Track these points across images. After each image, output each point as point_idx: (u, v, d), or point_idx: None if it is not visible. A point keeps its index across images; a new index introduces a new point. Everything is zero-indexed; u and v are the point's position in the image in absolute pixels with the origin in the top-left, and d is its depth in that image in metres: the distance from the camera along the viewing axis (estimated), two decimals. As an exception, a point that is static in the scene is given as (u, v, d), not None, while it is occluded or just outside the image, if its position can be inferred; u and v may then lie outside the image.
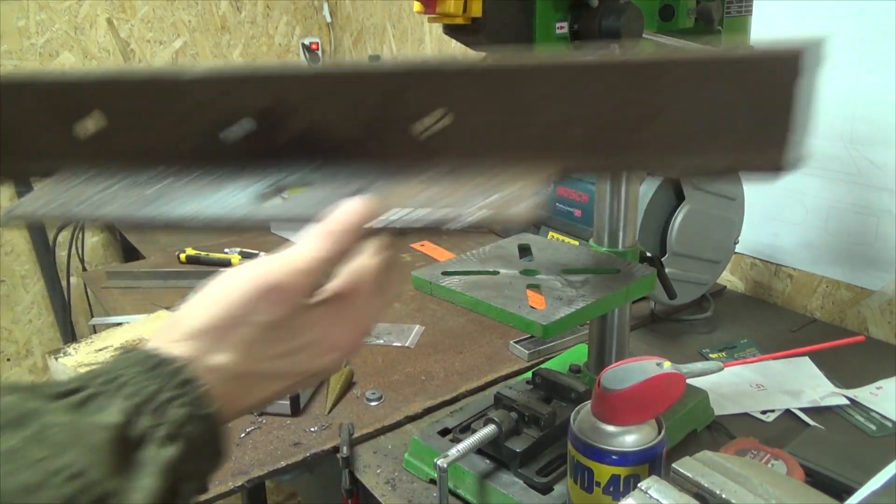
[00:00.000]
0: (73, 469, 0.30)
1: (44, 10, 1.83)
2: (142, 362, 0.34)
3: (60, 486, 0.29)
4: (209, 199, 0.47)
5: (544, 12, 0.60)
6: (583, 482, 0.60)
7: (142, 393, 0.33)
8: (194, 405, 0.34)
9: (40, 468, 0.29)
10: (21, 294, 1.96)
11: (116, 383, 0.33)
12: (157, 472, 0.32)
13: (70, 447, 0.30)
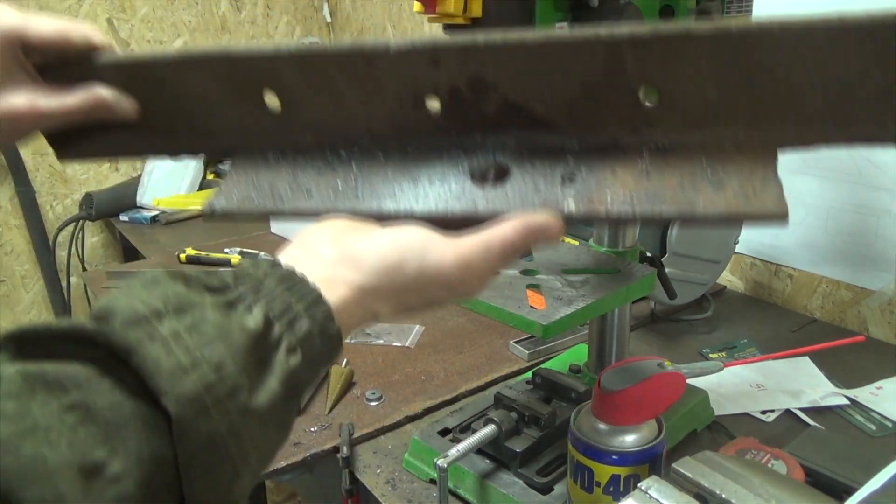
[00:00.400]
0: (216, 360, 0.34)
1: (44, 10, 1.83)
2: (283, 279, 0.39)
3: (205, 373, 0.34)
4: (415, 189, 0.47)
5: (544, 12, 0.60)
6: (583, 482, 0.60)
7: (279, 304, 0.38)
8: (320, 323, 0.39)
9: (193, 354, 0.34)
10: (21, 294, 1.96)
11: (261, 292, 0.38)
12: (281, 376, 0.37)
13: (217, 341, 0.35)
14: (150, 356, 0.33)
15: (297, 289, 0.39)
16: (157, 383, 0.33)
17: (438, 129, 0.48)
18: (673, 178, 0.43)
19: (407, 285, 0.42)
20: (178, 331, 0.34)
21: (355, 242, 0.42)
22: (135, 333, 0.34)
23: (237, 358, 0.35)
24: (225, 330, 0.36)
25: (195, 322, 0.35)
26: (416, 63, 0.46)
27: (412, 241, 0.42)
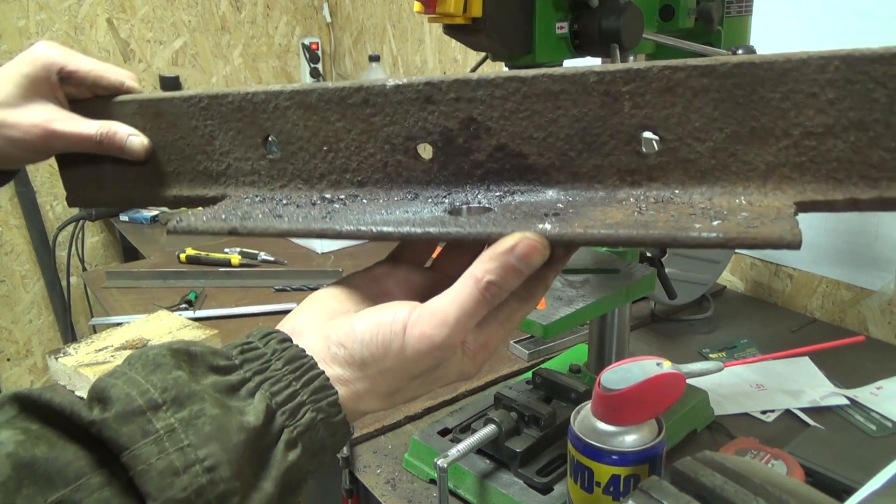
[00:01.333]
0: (211, 462, 0.32)
1: (44, 10, 1.83)
2: (291, 361, 0.37)
3: (196, 476, 0.32)
4: (395, 213, 0.45)
5: (544, 12, 0.60)
6: (583, 482, 0.60)
7: (283, 391, 0.36)
8: (325, 412, 0.37)
9: (187, 454, 0.32)
10: (21, 294, 1.96)
11: (265, 376, 0.36)
12: (277, 476, 0.35)
13: (213, 440, 0.33)
14: (142, 455, 0.32)
15: (304, 373, 0.37)
16: (145, 486, 0.31)
17: (427, 176, 0.47)
18: (668, 214, 0.39)
19: (394, 370, 0.38)
20: (173, 426, 0.33)
21: (340, 335, 0.39)
22: (128, 428, 0.32)
23: (232, 460, 0.33)
24: (223, 427, 0.34)
25: (193, 416, 0.33)
26: (411, 102, 0.46)
27: (390, 319, 0.38)
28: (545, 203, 0.43)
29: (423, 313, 0.38)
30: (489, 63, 0.70)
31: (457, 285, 0.38)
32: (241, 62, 2.16)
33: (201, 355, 0.36)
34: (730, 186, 0.40)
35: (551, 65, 0.64)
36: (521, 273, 0.37)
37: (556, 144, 0.44)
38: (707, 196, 0.40)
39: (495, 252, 0.37)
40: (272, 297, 1.25)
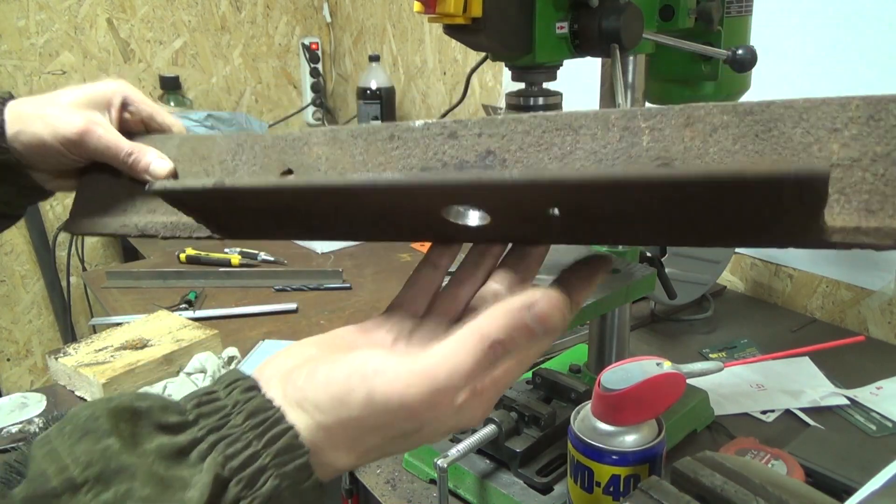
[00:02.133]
0: None
1: (44, 10, 1.83)
2: (253, 414, 0.32)
3: None
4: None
5: (544, 12, 0.60)
6: (583, 482, 0.60)
7: (241, 455, 0.30)
8: (291, 478, 0.31)
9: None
10: (21, 294, 1.96)
11: (221, 434, 0.31)
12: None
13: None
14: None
15: (268, 429, 0.31)
16: None
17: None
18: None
19: (359, 421, 0.32)
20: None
21: (300, 381, 0.33)
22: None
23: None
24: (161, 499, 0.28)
25: (118, 499, 0.28)
26: (435, 137, 0.46)
27: (357, 365, 0.32)
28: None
29: (402, 365, 0.31)
30: (489, 63, 0.70)
31: (456, 338, 0.32)
32: (241, 62, 2.16)
33: (148, 412, 0.31)
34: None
35: (550, 65, 0.64)
36: (535, 336, 0.32)
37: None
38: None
39: (510, 307, 0.31)
40: (272, 297, 1.25)
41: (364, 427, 0.32)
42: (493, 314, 0.32)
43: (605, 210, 0.35)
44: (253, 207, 0.43)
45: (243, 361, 0.97)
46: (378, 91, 1.88)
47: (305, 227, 0.47)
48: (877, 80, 1.03)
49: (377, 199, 0.37)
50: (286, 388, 0.33)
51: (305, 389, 0.33)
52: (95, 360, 0.93)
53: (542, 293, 0.31)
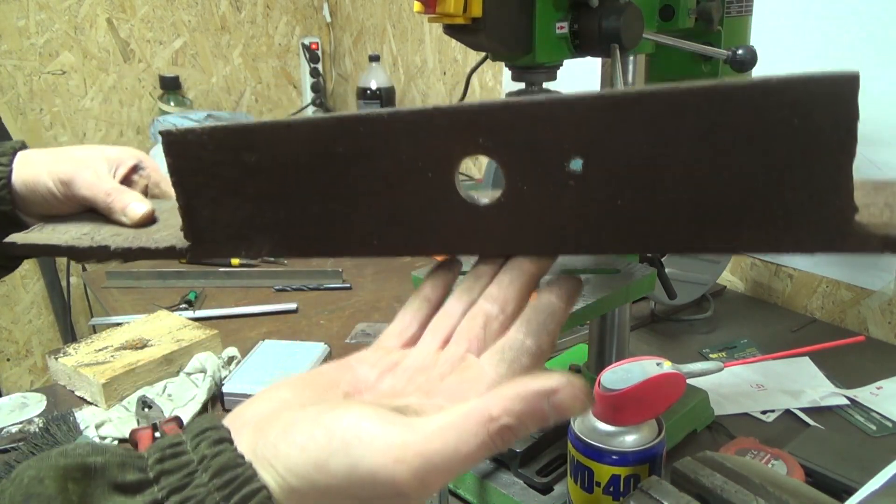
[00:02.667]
0: None
1: (44, 10, 1.83)
2: (221, 472, 0.28)
3: None
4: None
5: (544, 12, 0.60)
6: (583, 482, 0.60)
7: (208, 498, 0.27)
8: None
9: None
10: (21, 294, 1.96)
11: (184, 496, 0.28)
12: None
13: None
14: None
15: (236, 490, 0.28)
16: None
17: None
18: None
19: (337, 490, 0.28)
20: None
21: (272, 437, 0.29)
22: None
23: None
24: None
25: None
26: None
27: (342, 429, 0.28)
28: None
29: (394, 435, 0.28)
30: (489, 63, 0.70)
31: (458, 416, 0.28)
32: (241, 62, 2.16)
33: (103, 469, 0.28)
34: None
35: (550, 65, 0.64)
36: (548, 423, 0.28)
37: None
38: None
39: (527, 391, 0.28)
40: (272, 297, 1.25)
41: (341, 496, 0.29)
42: (506, 395, 0.28)
43: (632, 162, 0.33)
44: (254, 169, 0.39)
45: (243, 361, 0.97)
46: (378, 91, 1.88)
47: (303, 222, 0.41)
48: (876, 79, 1.03)
49: (393, 147, 0.36)
50: (257, 441, 0.30)
51: (278, 447, 0.29)
52: (95, 360, 0.93)
53: (565, 380, 0.28)
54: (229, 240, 0.42)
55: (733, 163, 0.31)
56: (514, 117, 0.34)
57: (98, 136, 1.96)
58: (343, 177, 0.38)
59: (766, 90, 0.30)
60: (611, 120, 0.33)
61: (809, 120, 0.30)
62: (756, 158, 0.31)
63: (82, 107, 1.94)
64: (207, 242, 0.43)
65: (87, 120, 1.95)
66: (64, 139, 1.92)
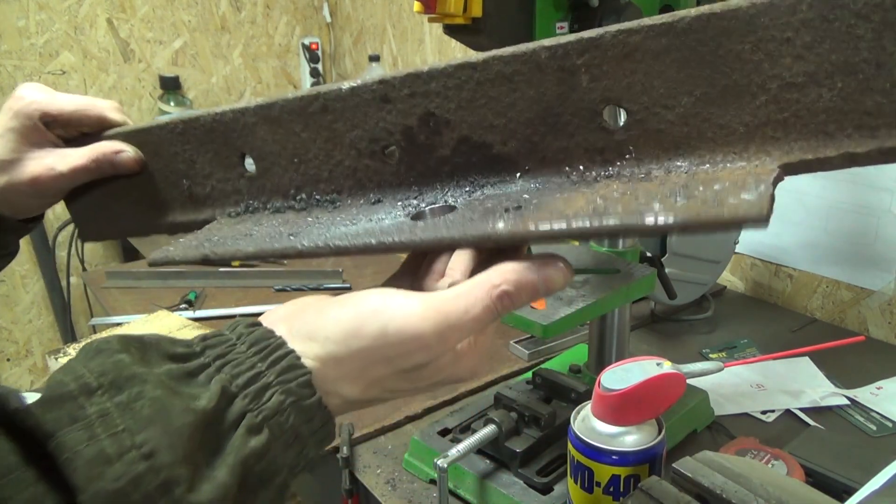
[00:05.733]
0: (149, 447, 0.29)
1: (44, 10, 1.83)
2: (256, 342, 0.34)
3: (132, 463, 0.29)
4: (360, 223, 0.44)
5: (544, 12, 0.60)
6: (583, 482, 0.60)
7: (246, 374, 0.33)
8: (295, 394, 0.33)
9: (118, 440, 0.29)
10: (21, 294, 1.96)
11: (227, 359, 0.33)
12: (236, 462, 0.31)
13: (153, 423, 0.30)
14: (68, 443, 0.28)
15: (270, 352, 0.34)
16: (72, 477, 0.28)
17: (397, 178, 0.46)
18: (634, 196, 0.36)
19: (371, 352, 0.35)
20: (107, 410, 0.30)
21: (309, 318, 0.36)
22: (54, 414, 0.29)
23: (176, 444, 0.30)
24: (165, 410, 0.30)
25: (130, 399, 0.30)
26: (368, 103, 0.45)
27: (371, 301, 0.35)
28: (512, 195, 0.41)
29: (417, 300, 0.35)
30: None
31: (467, 286, 0.35)
32: (241, 62, 2.16)
33: (156, 343, 0.33)
34: (709, 155, 0.37)
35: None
36: (539, 294, 0.36)
37: (518, 130, 0.41)
38: (685, 169, 0.37)
39: (520, 265, 0.35)
40: (272, 297, 1.25)
41: (375, 357, 0.35)
42: (503, 269, 0.35)
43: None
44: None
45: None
46: (378, 91, 1.88)
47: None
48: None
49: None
50: (292, 324, 0.36)
51: (316, 323, 0.35)
52: (95, 360, 0.93)
53: (550, 258, 0.35)
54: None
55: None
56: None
57: (98, 136, 1.97)
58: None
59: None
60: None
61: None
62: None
63: (82, 107, 1.94)
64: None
65: (87, 120, 1.95)
66: (64, 139, 1.92)
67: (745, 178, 0.34)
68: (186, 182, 0.55)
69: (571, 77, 0.39)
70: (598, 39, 0.38)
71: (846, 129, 0.34)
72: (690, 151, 0.37)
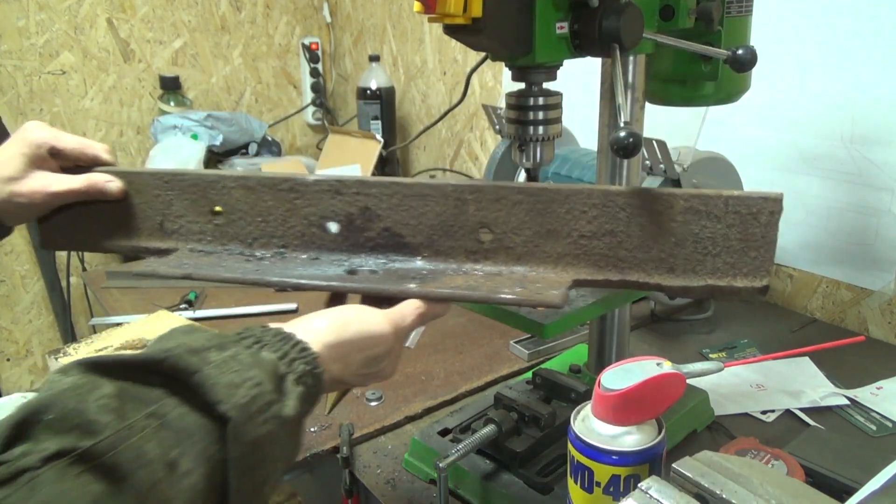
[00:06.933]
0: (255, 380, 0.45)
1: (44, 10, 1.83)
2: (277, 334, 0.51)
3: (249, 389, 0.44)
4: (309, 270, 0.62)
5: (544, 12, 0.59)
6: (583, 482, 0.60)
7: (280, 350, 0.49)
8: (312, 365, 0.50)
9: (238, 374, 0.45)
10: (21, 294, 1.96)
11: (264, 343, 0.49)
12: (295, 398, 0.47)
13: (252, 368, 0.46)
14: (209, 375, 0.43)
15: (290, 342, 0.50)
16: (216, 394, 0.43)
17: (333, 244, 0.65)
18: (493, 283, 0.59)
19: (353, 342, 0.54)
20: (224, 359, 0.45)
21: (303, 320, 0.54)
22: (195, 359, 0.44)
23: (267, 381, 0.46)
24: (256, 361, 0.46)
25: (234, 355, 0.46)
26: (325, 192, 0.64)
27: (351, 309, 0.56)
28: (414, 270, 0.63)
29: (380, 313, 0.57)
30: (489, 63, 0.71)
31: (402, 307, 0.58)
32: (241, 62, 2.16)
33: (211, 332, 0.49)
34: (535, 266, 0.61)
35: (550, 65, 0.64)
36: (429, 318, 0.59)
37: (424, 230, 0.63)
38: (520, 272, 0.61)
39: (421, 301, 0.58)
40: (272, 297, 1.25)
41: (353, 347, 0.54)
42: (415, 301, 0.58)
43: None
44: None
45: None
46: (378, 91, 1.88)
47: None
48: (876, 79, 1.03)
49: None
50: (295, 328, 0.52)
51: (312, 324, 0.54)
52: (95, 360, 0.93)
53: (438, 304, 0.60)
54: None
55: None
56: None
57: (98, 136, 1.96)
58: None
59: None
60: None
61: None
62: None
63: (82, 107, 1.94)
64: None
65: (87, 120, 1.95)
66: (64, 139, 1.92)
67: (553, 283, 0.59)
68: (159, 217, 0.69)
69: (463, 205, 0.61)
70: (483, 187, 0.61)
71: (608, 267, 0.59)
72: (525, 262, 0.61)
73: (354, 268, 0.63)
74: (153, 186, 0.69)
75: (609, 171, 0.75)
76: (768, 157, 1.17)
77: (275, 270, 0.62)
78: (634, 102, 0.73)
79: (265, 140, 2.03)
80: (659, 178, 1.00)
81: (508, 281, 0.59)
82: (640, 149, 0.59)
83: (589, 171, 1.13)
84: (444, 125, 1.91)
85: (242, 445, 0.43)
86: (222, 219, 0.67)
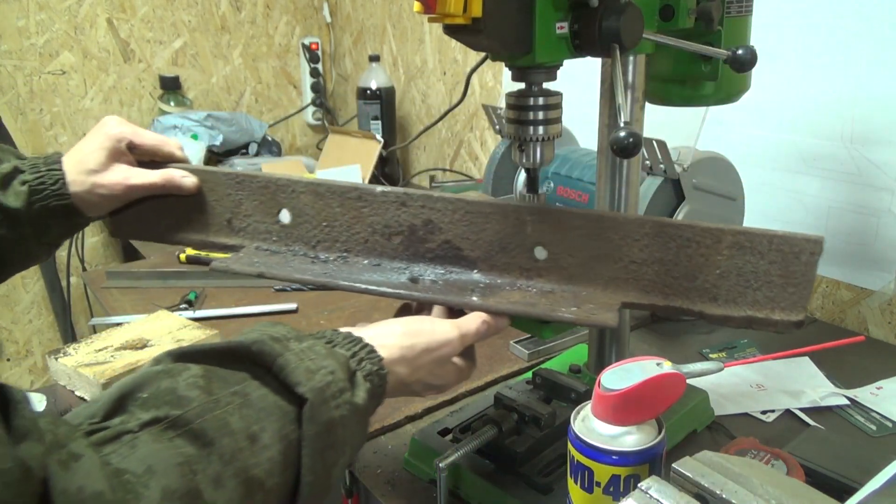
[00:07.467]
0: (330, 369, 0.50)
1: (44, 10, 1.83)
2: (346, 337, 0.56)
3: (325, 375, 0.49)
4: (374, 276, 0.67)
5: (544, 12, 0.59)
6: (583, 482, 0.60)
7: (350, 350, 0.55)
8: (377, 366, 0.55)
9: (314, 362, 0.50)
10: (21, 294, 1.96)
11: (333, 343, 0.55)
12: (364, 390, 0.52)
13: (327, 358, 0.51)
14: (290, 360, 0.49)
15: (358, 343, 0.56)
16: (296, 377, 0.48)
17: (394, 253, 0.69)
18: (548, 301, 0.63)
19: (422, 347, 0.59)
20: (303, 349, 0.51)
21: (377, 326, 0.60)
22: (277, 346, 0.50)
23: (340, 371, 0.51)
24: (330, 353, 0.52)
25: (311, 346, 0.52)
26: (391, 203, 0.68)
27: (422, 319, 0.63)
28: (472, 282, 0.67)
29: (447, 322, 0.61)
30: (489, 63, 0.71)
31: (468, 317, 0.62)
32: (241, 62, 2.16)
33: (293, 329, 0.55)
34: (586, 286, 0.64)
35: (550, 65, 0.64)
36: (493, 330, 0.63)
37: (482, 245, 0.66)
38: (573, 291, 0.64)
39: (487, 314, 0.62)
40: (272, 297, 1.25)
41: (422, 349, 0.59)
42: (481, 314, 0.63)
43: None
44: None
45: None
46: (378, 91, 1.88)
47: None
48: (876, 79, 1.03)
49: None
50: (363, 335, 0.58)
51: (382, 330, 0.59)
52: (95, 361, 0.93)
53: (500, 318, 0.63)
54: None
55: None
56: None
57: (98, 136, 1.96)
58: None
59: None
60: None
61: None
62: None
63: (82, 107, 1.94)
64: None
65: (87, 120, 1.95)
66: (64, 139, 1.92)
67: (603, 304, 0.62)
68: (228, 215, 0.73)
69: (522, 225, 0.65)
70: (543, 210, 0.64)
71: (655, 292, 0.63)
72: (577, 283, 0.65)
73: (415, 276, 0.67)
74: (225, 185, 0.72)
75: (609, 171, 0.75)
76: (768, 157, 1.17)
77: (342, 274, 0.67)
78: (634, 102, 0.73)
79: (265, 140, 2.03)
80: (659, 179, 1.00)
81: (562, 299, 0.62)
82: (640, 149, 0.59)
83: (589, 171, 1.13)
84: (444, 125, 1.91)
85: (317, 425, 0.47)
86: (290, 221, 0.71)
